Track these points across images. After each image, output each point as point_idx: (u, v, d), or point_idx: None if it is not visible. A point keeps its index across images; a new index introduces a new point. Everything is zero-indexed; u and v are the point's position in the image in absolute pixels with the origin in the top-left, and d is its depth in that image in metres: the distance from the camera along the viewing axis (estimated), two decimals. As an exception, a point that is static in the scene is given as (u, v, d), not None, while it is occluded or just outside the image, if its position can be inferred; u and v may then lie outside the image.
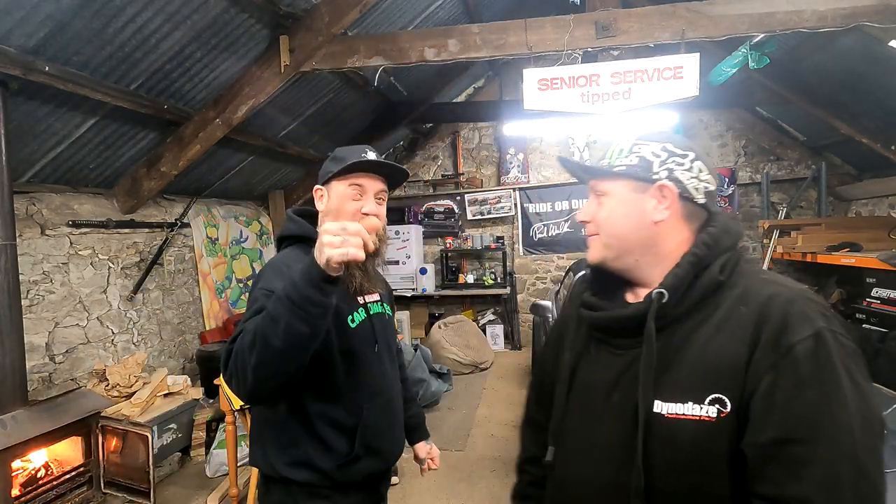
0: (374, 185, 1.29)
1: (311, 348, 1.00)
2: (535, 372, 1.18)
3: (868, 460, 0.68)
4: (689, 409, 0.76)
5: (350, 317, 1.28)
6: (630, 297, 0.93)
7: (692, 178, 0.86)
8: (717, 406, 0.75)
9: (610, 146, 0.94)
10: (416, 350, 4.56)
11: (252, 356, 0.97)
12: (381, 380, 1.34)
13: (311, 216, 1.36)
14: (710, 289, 0.81)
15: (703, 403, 0.76)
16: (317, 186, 1.33)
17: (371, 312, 1.35)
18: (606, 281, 0.96)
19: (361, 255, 0.91)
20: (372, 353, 1.32)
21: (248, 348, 0.98)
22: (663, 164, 0.86)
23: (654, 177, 0.86)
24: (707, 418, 0.75)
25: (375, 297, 1.39)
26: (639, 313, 0.83)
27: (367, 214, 1.24)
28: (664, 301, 0.80)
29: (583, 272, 1.03)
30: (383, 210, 1.32)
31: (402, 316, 5.96)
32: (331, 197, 1.29)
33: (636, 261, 0.89)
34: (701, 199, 0.86)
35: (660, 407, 0.78)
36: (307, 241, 1.27)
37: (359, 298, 1.33)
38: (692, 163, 0.86)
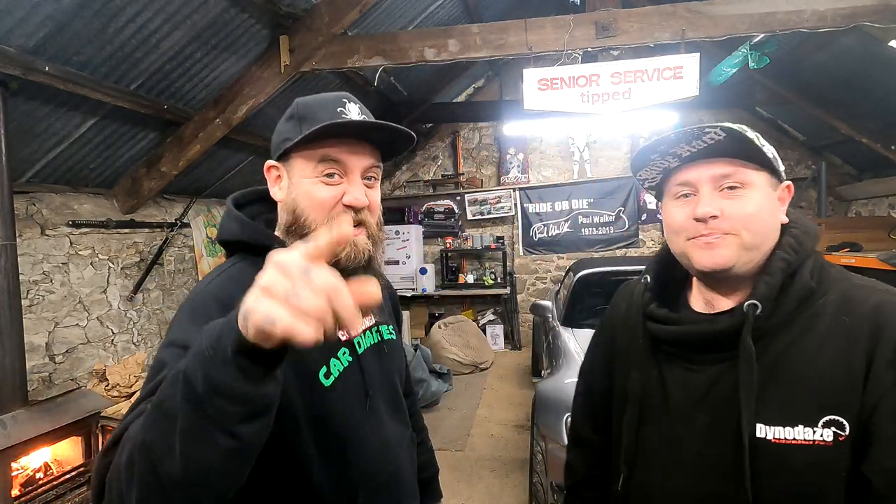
0: (359, 157, 0.81)
1: (239, 468, 0.54)
2: (582, 390, 1.06)
3: None
4: (800, 434, 0.69)
5: (323, 369, 0.81)
6: (698, 306, 0.84)
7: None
8: (833, 428, 0.68)
9: (731, 129, 0.74)
10: (416, 350, 4.56)
11: (132, 491, 0.52)
12: (379, 449, 0.88)
13: (266, 202, 0.91)
14: (804, 297, 0.74)
15: (817, 426, 0.68)
16: (269, 162, 0.85)
17: (361, 349, 0.90)
18: (664, 287, 0.87)
19: (311, 339, 0.45)
20: (362, 413, 0.86)
21: (124, 476, 0.52)
22: (780, 163, 0.78)
23: (783, 175, 0.79)
24: (822, 443, 0.68)
25: (368, 319, 0.95)
26: (731, 328, 0.74)
27: (350, 207, 0.81)
28: (758, 313, 0.72)
29: (642, 278, 0.90)
30: (377, 196, 0.86)
31: (403, 316, 5.95)
32: (291, 179, 0.82)
33: (754, 265, 0.76)
34: None
35: (763, 431, 0.71)
36: (259, 250, 0.80)
37: (340, 332, 0.81)
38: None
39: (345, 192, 0.81)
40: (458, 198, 6.71)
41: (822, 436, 0.68)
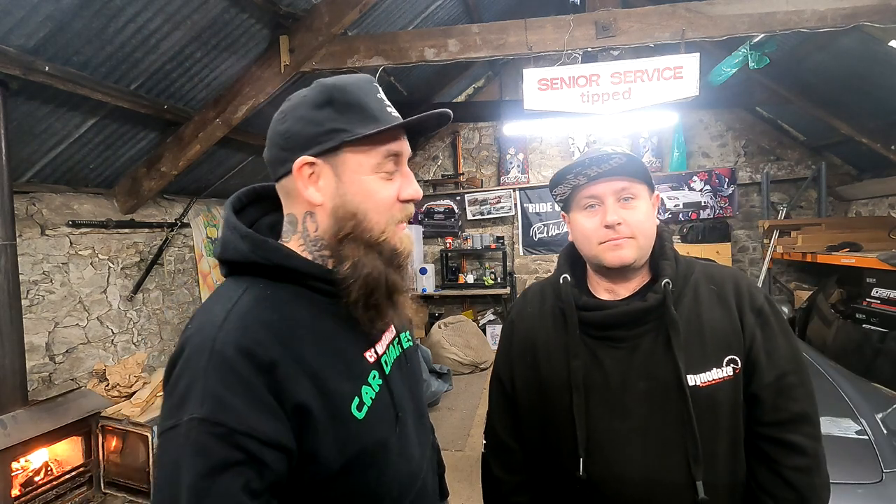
0: (406, 148, 0.78)
1: None
2: (499, 398, 1.10)
3: (808, 371, 0.94)
4: (715, 375, 0.90)
5: (356, 401, 0.71)
6: (603, 295, 1.01)
7: None
8: (731, 365, 0.91)
9: (615, 154, 0.95)
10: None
11: None
12: (406, 473, 0.79)
13: (263, 202, 0.82)
14: (685, 275, 0.97)
15: (723, 366, 0.91)
16: (304, 159, 0.72)
17: (388, 368, 0.80)
18: (579, 284, 1.04)
19: None
20: (393, 437, 0.77)
21: None
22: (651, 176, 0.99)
23: (654, 186, 1.00)
24: (728, 377, 0.91)
25: (389, 332, 0.84)
26: (658, 302, 0.92)
27: (410, 201, 0.77)
28: (672, 289, 0.93)
29: (560, 278, 1.03)
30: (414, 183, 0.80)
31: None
32: (342, 178, 0.73)
33: (646, 259, 0.98)
34: None
35: (693, 380, 0.90)
36: (280, 272, 0.71)
37: (368, 352, 0.77)
38: None
39: (403, 184, 0.77)
40: (458, 198, 6.71)
41: (726, 372, 0.91)
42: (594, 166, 0.93)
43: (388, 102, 0.77)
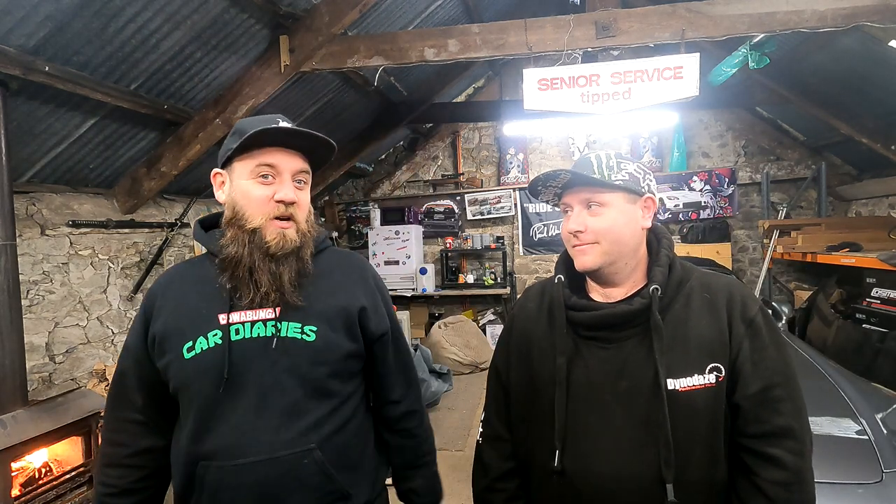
0: (290, 162, 1.00)
1: None
2: (496, 392, 1.16)
3: (799, 386, 0.95)
4: (696, 381, 0.92)
5: (188, 344, 0.97)
6: (598, 297, 1.05)
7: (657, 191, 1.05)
8: (714, 373, 0.93)
9: (592, 163, 1.01)
10: (416, 350, 4.56)
11: None
12: (235, 434, 0.95)
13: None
14: (679, 282, 0.99)
15: (705, 373, 0.92)
16: (216, 170, 1.05)
17: (237, 336, 0.97)
18: (576, 285, 1.07)
19: None
20: (216, 393, 0.95)
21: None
22: (644, 179, 1.01)
23: (642, 190, 1.01)
24: (710, 384, 0.92)
25: (265, 311, 1.00)
26: (643, 306, 0.95)
27: (280, 202, 0.98)
28: (660, 294, 0.95)
29: (555, 278, 1.08)
30: (306, 196, 1.04)
31: (403, 316, 5.95)
32: (233, 183, 1.01)
33: (625, 264, 1.01)
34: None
35: (673, 384, 0.91)
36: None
37: (221, 315, 0.99)
38: (654, 180, 1.05)
39: (276, 190, 0.99)
40: (458, 198, 6.71)
41: (708, 379, 0.92)
42: (549, 181, 1.02)
43: (282, 125, 0.97)
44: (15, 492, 2.42)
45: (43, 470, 2.67)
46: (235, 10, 2.89)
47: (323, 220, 6.76)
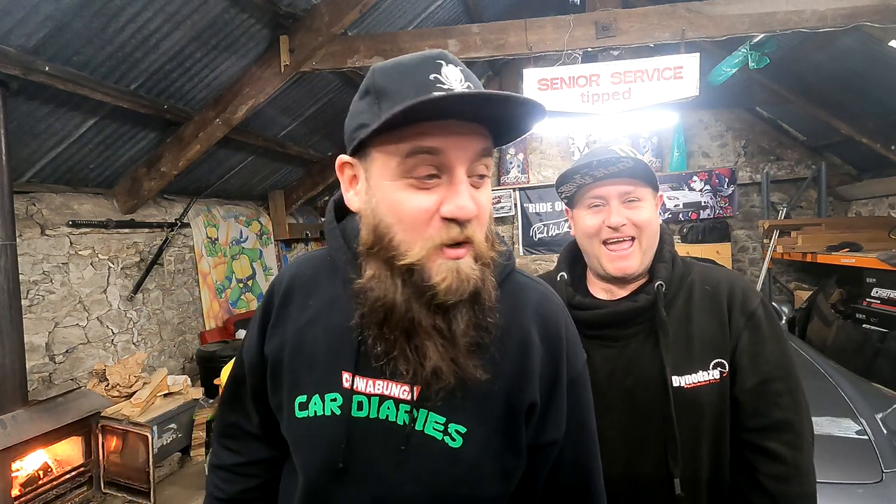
0: (465, 145, 0.59)
1: None
2: None
3: (799, 380, 0.93)
4: (701, 377, 0.91)
5: (302, 398, 0.68)
6: (601, 294, 1.03)
7: None
8: (718, 369, 0.92)
9: (623, 154, 0.95)
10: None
11: None
12: None
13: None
14: (681, 277, 0.99)
15: (709, 369, 0.92)
16: (343, 158, 0.65)
17: (358, 412, 0.65)
18: (578, 282, 1.06)
19: None
20: (325, 480, 0.67)
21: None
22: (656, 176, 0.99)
23: (658, 186, 1.00)
24: (714, 380, 0.92)
25: (400, 388, 0.64)
26: (649, 303, 0.94)
27: (451, 221, 0.59)
28: (665, 291, 0.94)
29: (558, 276, 1.06)
30: (487, 197, 0.63)
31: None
32: (370, 182, 0.62)
33: (648, 265, 0.99)
34: None
35: (678, 381, 0.91)
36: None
37: (353, 378, 0.66)
38: None
39: (443, 198, 0.58)
40: (458, 198, 6.70)
41: (713, 375, 0.92)
42: (602, 168, 0.93)
43: (451, 87, 0.57)
44: (15, 492, 2.42)
45: (43, 470, 2.68)
46: (235, 10, 2.89)
47: (322, 220, 6.75)
